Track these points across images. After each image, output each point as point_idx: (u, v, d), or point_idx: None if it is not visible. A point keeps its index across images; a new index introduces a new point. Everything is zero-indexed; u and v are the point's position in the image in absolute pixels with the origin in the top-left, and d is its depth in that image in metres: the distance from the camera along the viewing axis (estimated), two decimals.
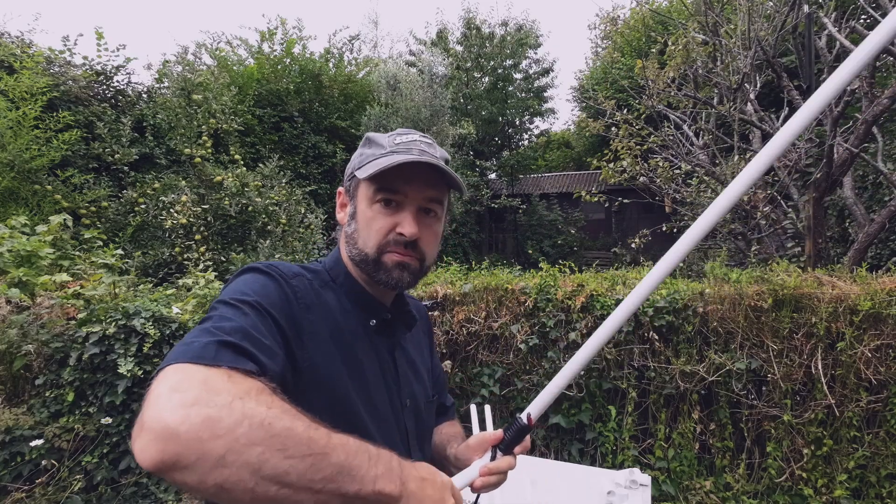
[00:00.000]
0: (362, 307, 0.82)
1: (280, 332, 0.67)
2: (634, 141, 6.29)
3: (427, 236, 0.81)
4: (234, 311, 0.64)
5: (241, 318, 0.63)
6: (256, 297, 0.67)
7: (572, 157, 22.03)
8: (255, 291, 0.68)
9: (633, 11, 14.37)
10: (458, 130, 10.72)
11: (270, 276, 0.72)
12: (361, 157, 0.83)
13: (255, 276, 0.72)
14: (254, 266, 0.74)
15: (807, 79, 5.02)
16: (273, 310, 0.67)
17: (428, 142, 0.83)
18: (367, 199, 0.79)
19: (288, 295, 0.71)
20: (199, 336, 0.58)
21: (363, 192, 0.80)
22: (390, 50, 26.10)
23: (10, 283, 2.88)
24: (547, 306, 3.06)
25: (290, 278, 0.74)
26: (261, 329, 0.63)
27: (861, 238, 4.71)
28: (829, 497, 2.60)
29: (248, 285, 0.69)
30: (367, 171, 0.75)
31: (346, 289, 0.82)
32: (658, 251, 6.08)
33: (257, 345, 0.60)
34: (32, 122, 5.46)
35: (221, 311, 0.64)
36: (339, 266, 0.84)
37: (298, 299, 0.72)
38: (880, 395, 2.57)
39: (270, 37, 10.77)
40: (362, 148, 0.85)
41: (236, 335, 0.59)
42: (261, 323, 0.64)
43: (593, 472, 1.70)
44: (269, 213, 5.97)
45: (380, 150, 0.80)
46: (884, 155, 6.09)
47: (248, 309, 0.65)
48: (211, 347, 0.55)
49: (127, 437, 2.70)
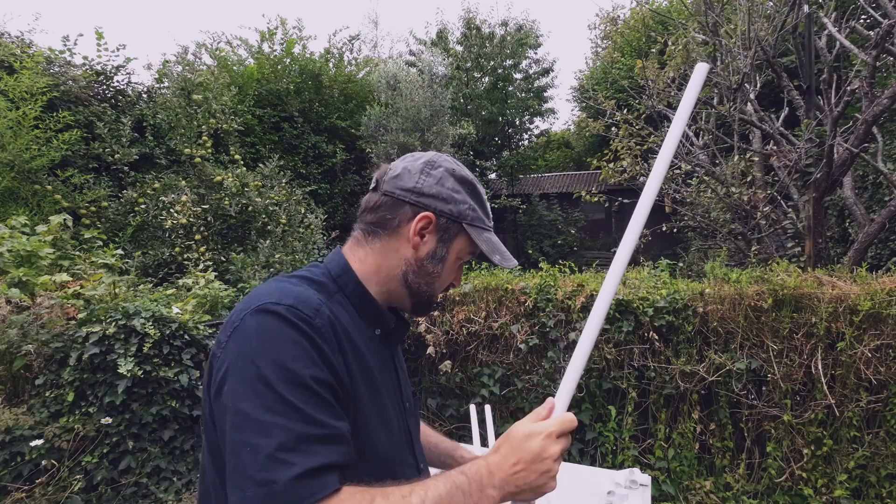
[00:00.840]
0: (370, 318, 0.83)
1: (335, 395, 0.68)
2: (634, 141, 6.29)
3: None
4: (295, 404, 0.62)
5: (313, 410, 0.63)
6: (307, 370, 0.65)
7: (572, 157, 22.02)
8: (301, 361, 0.65)
9: (633, 11, 14.38)
10: (458, 130, 10.72)
11: (296, 327, 0.67)
12: (471, 209, 0.84)
13: (283, 331, 0.67)
14: (271, 310, 0.68)
15: (807, 79, 5.03)
16: (323, 374, 0.66)
17: None
18: (458, 253, 0.85)
19: (321, 346, 0.68)
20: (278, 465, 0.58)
21: (459, 246, 0.85)
22: (390, 50, 26.12)
23: (10, 283, 2.88)
24: (547, 306, 3.06)
25: (314, 319, 0.69)
26: (323, 413, 0.64)
27: (861, 238, 4.71)
28: (829, 497, 2.60)
29: (287, 352, 0.65)
30: (481, 242, 0.83)
31: (355, 299, 0.81)
32: (658, 251, 6.08)
33: (326, 440, 0.62)
34: (32, 122, 5.46)
35: (279, 404, 0.62)
36: (348, 275, 0.82)
37: (328, 341, 0.70)
38: (880, 395, 2.57)
39: (270, 37, 10.77)
40: (469, 196, 0.85)
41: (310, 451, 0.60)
42: (321, 404, 0.64)
43: (593, 472, 1.70)
44: (269, 213, 5.97)
45: (485, 218, 0.87)
46: (884, 155, 6.09)
47: (307, 393, 0.63)
48: (304, 487, 0.58)
49: (127, 437, 2.70)
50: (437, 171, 0.83)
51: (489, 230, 0.87)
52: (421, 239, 0.81)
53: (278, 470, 0.58)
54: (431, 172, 0.82)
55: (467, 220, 0.83)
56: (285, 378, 0.63)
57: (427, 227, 0.81)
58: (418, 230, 0.81)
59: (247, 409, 0.61)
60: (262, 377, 0.62)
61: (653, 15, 12.11)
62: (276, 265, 5.29)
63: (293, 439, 0.59)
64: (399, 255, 0.82)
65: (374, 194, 0.84)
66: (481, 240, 0.83)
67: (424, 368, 3.35)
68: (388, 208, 0.81)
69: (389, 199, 0.81)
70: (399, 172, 0.83)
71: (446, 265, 0.84)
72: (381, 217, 0.82)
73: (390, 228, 0.81)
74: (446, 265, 0.84)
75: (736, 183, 5.53)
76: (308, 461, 0.59)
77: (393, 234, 0.82)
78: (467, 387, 3.22)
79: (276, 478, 0.57)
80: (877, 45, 4.32)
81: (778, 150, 5.22)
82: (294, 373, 0.63)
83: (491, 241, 0.85)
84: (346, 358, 0.72)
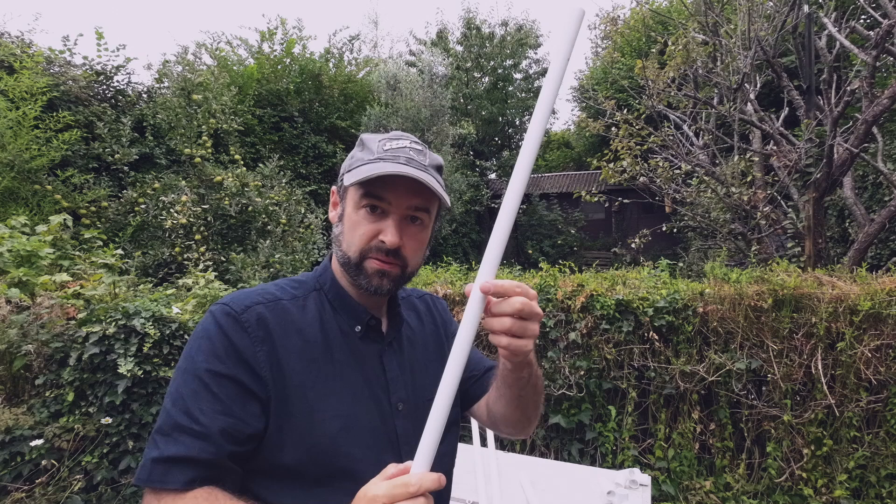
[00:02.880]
0: (348, 313, 0.83)
1: (237, 388, 0.72)
2: (634, 141, 6.29)
3: (411, 244, 0.81)
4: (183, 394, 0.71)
5: (193, 403, 0.70)
6: (206, 363, 0.72)
7: (572, 157, 22.03)
8: (203, 354, 0.72)
9: (633, 11, 14.36)
10: (458, 130, 10.72)
11: (217, 322, 0.74)
12: (352, 159, 0.83)
13: (205, 326, 0.75)
14: (210, 308, 0.77)
15: (807, 79, 5.03)
16: (223, 368, 0.72)
17: (418, 148, 0.82)
18: (354, 204, 0.80)
19: (234, 341, 0.73)
20: (152, 445, 0.69)
21: (351, 196, 0.81)
22: (390, 50, 26.11)
23: (10, 283, 2.88)
24: (547, 306, 3.06)
25: (241, 314, 0.75)
26: (203, 406, 0.70)
27: (861, 238, 4.71)
28: (829, 497, 2.60)
29: (197, 345, 0.74)
30: (353, 178, 0.76)
31: (331, 295, 0.84)
32: (658, 251, 6.10)
33: (192, 434, 0.68)
34: (32, 122, 5.45)
35: (175, 392, 0.72)
36: (327, 272, 0.86)
37: (251, 335, 0.74)
38: (880, 395, 2.57)
39: (270, 37, 10.76)
40: (355, 150, 0.86)
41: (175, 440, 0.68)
42: (206, 397, 0.70)
43: (593, 472, 1.70)
44: (269, 213, 5.97)
45: (368, 155, 0.80)
46: (884, 155, 6.09)
47: (196, 385, 0.71)
48: (158, 469, 0.67)
49: (127, 437, 2.70)
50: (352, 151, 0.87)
51: (375, 161, 0.78)
52: (335, 213, 0.86)
53: (151, 448, 0.69)
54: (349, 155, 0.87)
55: (346, 170, 0.83)
56: (186, 368, 0.72)
57: (333, 199, 0.87)
58: (332, 206, 0.87)
59: (169, 388, 0.73)
60: (179, 366, 0.74)
61: (653, 15, 12.11)
62: (276, 265, 5.29)
63: (169, 425, 0.69)
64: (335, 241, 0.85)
65: None
66: (356, 173, 0.76)
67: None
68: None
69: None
70: None
71: (345, 220, 0.82)
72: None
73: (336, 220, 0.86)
74: (345, 220, 0.82)
75: (736, 183, 5.53)
76: (167, 448, 0.67)
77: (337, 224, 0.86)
78: None
79: (147, 454, 0.68)
80: (877, 45, 4.32)
81: (778, 150, 5.22)
82: (193, 364, 0.72)
83: (372, 168, 0.75)
84: (275, 350, 0.75)
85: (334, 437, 0.75)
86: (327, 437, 0.75)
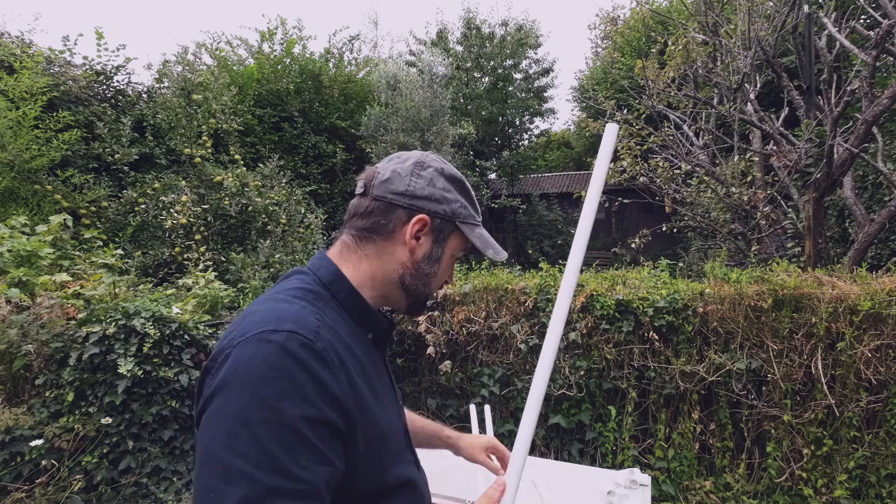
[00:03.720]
0: (365, 323, 0.82)
1: (331, 432, 0.63)
2: (634, 141, 6.28)
3: None
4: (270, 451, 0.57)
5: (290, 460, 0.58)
6: (297, 409, 0.59)
7: (572, 157, 22.04)
8: (290, 399, 0.60)
9: (633, 11, 14.36)
10: (458, 130, 10.72)
11: (295, 358, 0.62)
12: (462, 206, 0.85)
13: (277, 364, 0.61)
14: (267, 339, 0.63)
15: (807, 79, 5.03)
16: (317, 412, 0.61)
17: None
18: (452, 251, 0.86)
19: (321, 378, 0.63)
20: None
21: (454, 244, 0.86)
22: (390, 50, 26.10)
23: (10, 283, 2.88)
24: (547, 306, 3.06)
25: (315, 343, 0.64)
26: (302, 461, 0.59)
27: (861, 238, 4.71)
28: (829, 497, 2.60)
29: (277, 390, 0.59)
30: (477, 241, 0.85)
31: (350, 305, 0.79)
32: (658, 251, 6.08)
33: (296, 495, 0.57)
34: (32, 122, 5.46)
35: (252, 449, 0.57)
36: (340, 281, 0.80)
37: (331, 366, 0.65)
38: (880, 395, 2.57)
39: (270, 37, 10.76)
40: (459, 193, 0.85)
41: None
42: (303, 450, 0.59)
43: (593, 472, 1.70)
44: (269, 213, 5.97)
45: (475, 214, 0.88)
46: (884, 155, 6.09)
47: (289, 438, 0.58)
48: None
49: (127, 437, 2.70)
50: (427, 172, 0.82)
51: (479, 225, 0.89)
52: (417, 241, 0.81)
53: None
54: (421, 174, 0.82)
55: (460, 218, 0.84)
56: (268, 419, 0.58)
57: (423, 229, 0.81)
58: (414, 233, 0.80)
59: (218, 449, 0.57)
60: (241, 417, 0.58)
61: (653, 15, 12.11)
62: (276, 265, 5.29)
63: (261, 493, 0.55)
64: (395, 259, 0.81)
65: (364, 199, 0.82)
66: (474, 236, 0.85)
67: (424, 368, 3.35)
68: (381, 213, 0.80)
69: (381, 203, 0.80)
70: (389, 176, 0.81)
71: (442, 265, 0.85)
72: (374, 222, 0.80)
73: (385, 233, 0.80)
74: (442, 265, 0.85)
75: (736, 183, 5.54)
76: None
77: (388, 239, 0.81)
78: (467, 387, 3.22)
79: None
80: (877, 45, 4.32)
81: (778, 150, 5.22)
82: (279, 413, 0.58)
83: (483, 236, 0.87)
84: (350, 375, 0.68)
85: (396, 449, 0.78)
86: (392, 451, 0.77)
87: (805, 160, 5.09)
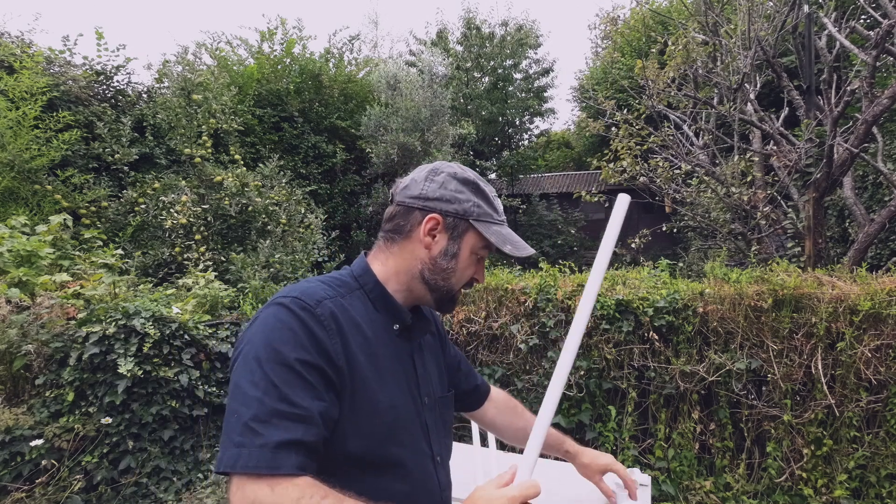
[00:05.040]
0: (389, 314, 0.91)
1: (322, 377, 0.75)
2: (634, 141, 6.28)
3: None
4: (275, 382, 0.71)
5: (289, 390, 0.71)
6: (294, 352, 0.74)
7: (572, 157, 22.03)
8: (290, 344, 0.74)
9: (633, 11, 14.36)
10: (458, 130, 10.71)
11: (295, 315, 0.77)
12: (475, 206, 0.91)
13: (282, 318, 0.77)
14: (279, 301, 0.80)
15: (807, 79, 5.03)
16: (310, 357, 0.74)
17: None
18: (471, 249, 0.92)
19: (315, 332, 0.77)
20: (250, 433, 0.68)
21: (471, 241, 0.92)
22: (390, 50, 26.10)
23: (10, 283, 2.88)
24: (547, 306, 3.06)
25: (315, 307, 0.79)
26: (299, 393, 0.72)
27: (861, 238, 4.71)
28: (829, 497, 2.60)
29: (280, 336, 0.75)
30: (493, 237, 0.90)
31: (374, 295, 0.91)
32: (658, 251, 6.09)
33: (295, 418, 0.70)
34: (32, 122, 5.45)
35: (262, 381, 0.71)
36: (368, 274, 0.92)
37: (326, 328, 0.78)
38: (880, 395, 2.57)
39: (270, 37, 10.75)
40: (472, 194, 0.92)
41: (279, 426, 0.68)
42: (300, 384, 0.72)
43: None
44: (269, 213, 5.97)
45: (492, 211, 0.93)
46: (884, 155, 6.09)
47: (288, 374, 0.72)
48: (266, 455, 0.67)
49: (127, 437, 2.70)
50: (440, 177, 0.92)
51: (499, 223, 0.94)
52: (432, 239, 0.90)
53: (250, 436, 0.67)
54: (434, 178, 0.92)
55: (473, 216, 0.91)
56: (273, 359, 0.73)
57: (436, 227, 0.90)
58: (428, 231, 0.90)
59: (240, 382, 0.72)
60: (256, 357, 0.73)
61: (653, 15, 12.11)
62: (276, 265, 5.29)
63: (266, 412, 0.69)
64: (415, 256, 0.91)
65: (391, 206, 0.94)
66: (490, 232, 0.91)
67: None
68: (401, 216, 0.92)
69: (402, 207, 0.92)
70: (407, 184, 0.93)
71: (459, 260, 0.92)
72: (396, 224, 0.92)
73: (404, 233, 0.91)
74: (459, 260, 0.92)
75: (736, 183, 5.53)
76: (274, 434, 0.67)
77: (407, 238, 0.91)
78: None
79: (247, 442, 0.67)
80: (877, 45, 4.32)
81: (778, 150, 5.22)
82: (281, 354, 0.73)
83: (501, 233, 0.92)
84: (347, 343, 0.80)
85: (391, 427, 0.83)
86: (385, 427, 0.82)
87: (805, 160, 5.09)
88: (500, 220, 0.95)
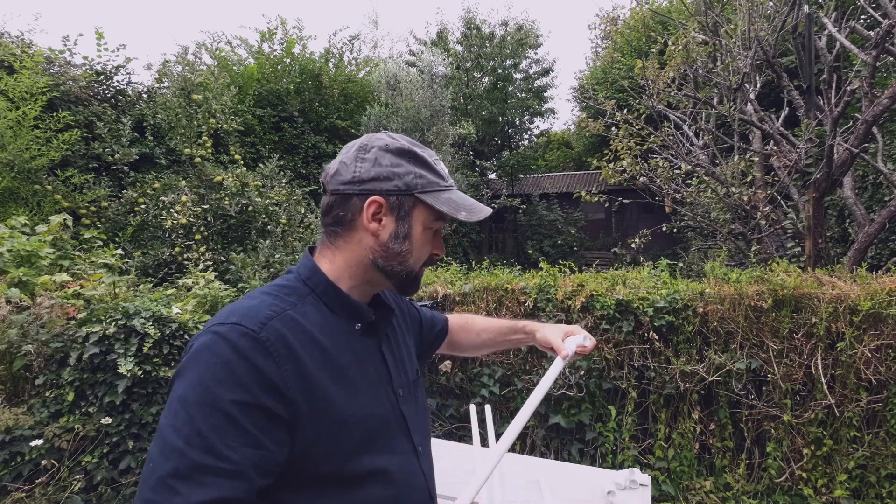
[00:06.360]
0: (348, 314, 0.84)
1: (265, 416, 0.66)
2: (634, 141, 6.28)
3: None
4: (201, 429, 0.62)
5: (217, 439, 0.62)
6: (230, 394, 0.64)
7: (572, 157, 22.03)
8: (224, 383, 0.64)
9: (633, 11, 14.36)
10: (458, 130, 10.71)
11: (233, 346, 0.67)
12: (418, 176, 0.82)
13: (218, 351, 0.67)
14: (214, 330, 0.69)
15: (807, 79, 5.02)
16: (249, 397, 0.65)
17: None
18: (423, 224, 0.84)
19: (258, 364, 0.67)
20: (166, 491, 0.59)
21: (421, 216, 0.83)
22: (390, 50, 26.10)
23: (10, 283, 2.88)
24: (547, 306, 3.06)
25: (258, 332, 0.69)
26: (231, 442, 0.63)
27: (861, 238, 4.70)
28: (829, 497, 2.60)
29: (213, 374, 0.65)
30: (444, 206, 0.82)
31: (328, 298, 0.82)
32: (658, 251, 6.10)
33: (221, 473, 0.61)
34: (32, 122, 5.46)
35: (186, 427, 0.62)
36: (317, 275, 0.83)
37: (273, 354, 0.69)
38: (880, 395, 2.57)
39: (270, 37, 10.76)
40: (411, 164, 0.83)
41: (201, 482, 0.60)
42: (233, 432, 0.63)
43: (593, 472, 1.70)
44: (269, 213, 5.97)
45: (437, 178, 0.84)
46: (884, 155, 6.09)
47: (219, 419, 0.63)
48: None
49: (127, 437, 2.70)
50: (371, 153, 0.83)
51: (448, 189, 0.85)
52: (378, 224, 0.82)
53: (165, 495, 0.59)
54: (365, 157, 0.83)
55: (417, 189, 0.82)
56: (202, 400, 0.63)
57: (379, 210, 0.81)
58: (371, 216, 0.81)
59: (163, 425, 0.64)
60: (182, 397, 0.64)
61: (653, 15, 12.11)
62: (276, 265, 5.29)
63: (187, 467, 0.60)
64: (363, 246, 0.83)
65: (325, 197, 0.85)
66: (440, 202, 0.82)
67: (424, 368, 3.35)
68: (339, 206, 0.83)
69: (337, 196, 0.83)
70: (337, 168, 0.84)
71: (413, 240, 0.84)
72: (335, 216, 0.83)
73: (346, 224, 0.83)
74: (413, 240, 0.84)
75: (736, 183, 5.53)
76: (194, 493, 0.59)
77: (351, 228, 0.83)
78: (467, 387, 3.22)
79: (161, 501, 0.59)
80: (877, 45, 4.32)
81: (778, 150, 5.22)
82: (213, 395, 0.63)
83: (452, 199, 0.84)
84: (301, 365, 0.71)
85: (365, 438, 0.77)
86: (359, 440, 0.76)
87: (805, 160, 5.09)
88: (448, 186, 0.85)
